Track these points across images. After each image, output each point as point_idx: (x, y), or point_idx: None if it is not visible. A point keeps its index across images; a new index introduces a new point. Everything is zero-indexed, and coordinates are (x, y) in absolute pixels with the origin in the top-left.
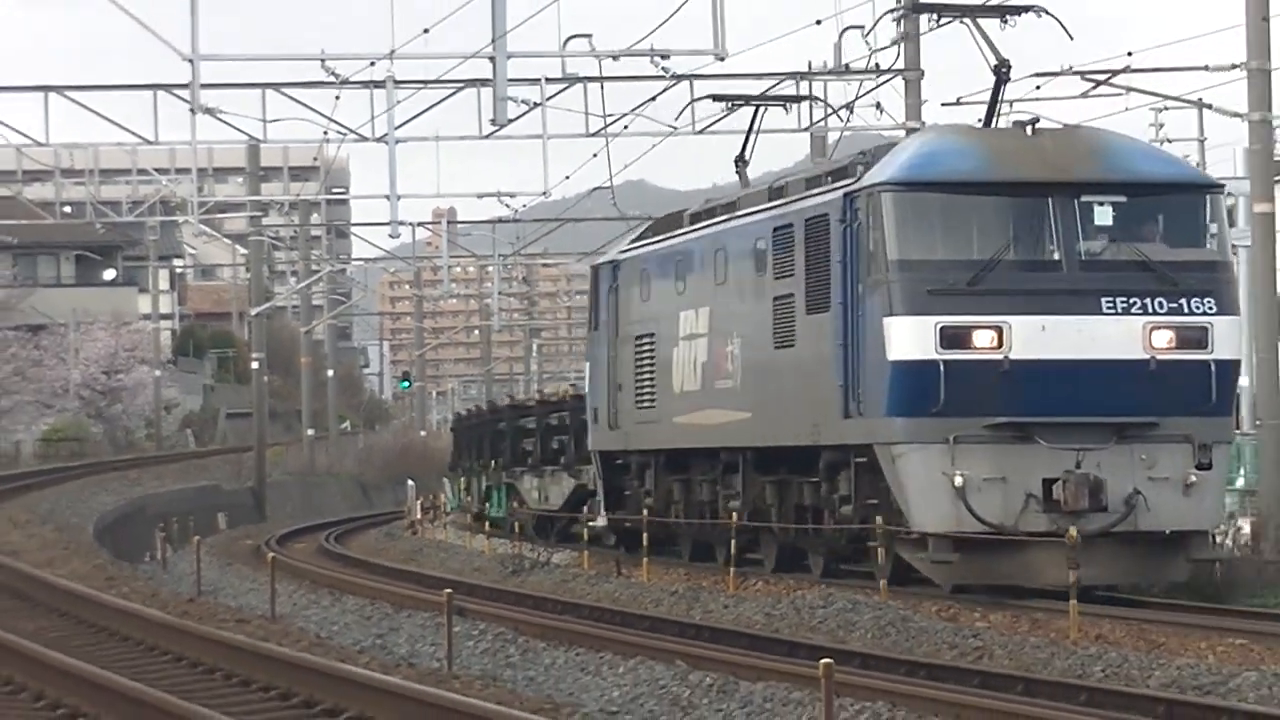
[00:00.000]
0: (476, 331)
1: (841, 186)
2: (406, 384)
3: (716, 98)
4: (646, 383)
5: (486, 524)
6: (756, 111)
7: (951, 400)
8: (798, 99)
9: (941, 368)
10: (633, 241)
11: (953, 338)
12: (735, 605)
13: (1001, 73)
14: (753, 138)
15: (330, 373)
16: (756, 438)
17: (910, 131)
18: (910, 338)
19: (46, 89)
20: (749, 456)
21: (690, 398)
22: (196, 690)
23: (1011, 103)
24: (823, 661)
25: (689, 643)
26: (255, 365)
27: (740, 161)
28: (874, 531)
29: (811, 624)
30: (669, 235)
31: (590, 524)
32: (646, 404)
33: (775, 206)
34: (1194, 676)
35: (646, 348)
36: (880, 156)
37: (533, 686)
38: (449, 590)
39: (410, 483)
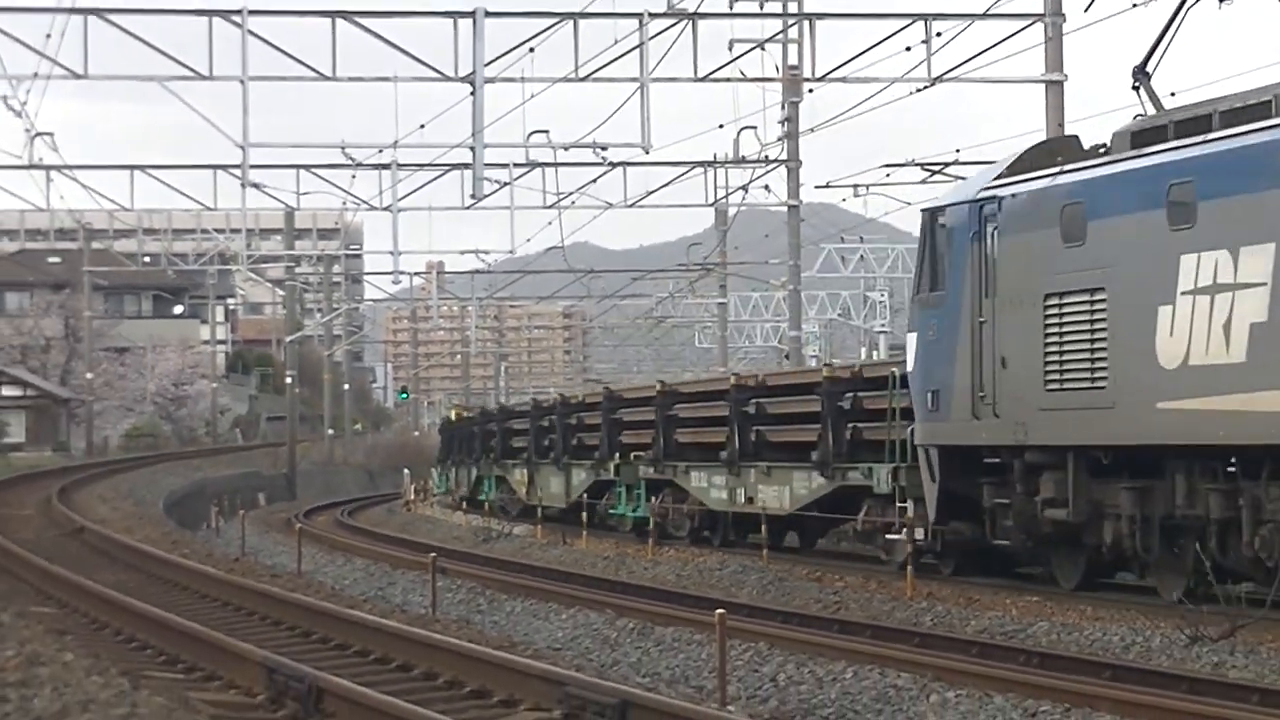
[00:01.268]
0: (458, 356)
1: None
2: (404, 395)
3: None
4: (1078, 355)
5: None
6: None
7: None
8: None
9: None
10: (1011, 172)
11: None
12: (653, 567)
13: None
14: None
15: (346, 386)
16: None
17: (791, 209)
18: None
19: (132, 168)
20: None
21: (1206, 375)
22: (240, 629)
23: (868, 186)
24: (718, 611)
25: (617, 596)
26: (289, 380)
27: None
28: None
29: (711, 582)
30: (1144, 152)
31: (892, 536)
32: (1076, 384)
33: None
34: (1000, 625)
35: (1080, 309)
36: None
37: (497, 628)
38: (434, 554)
39: (406, 471)
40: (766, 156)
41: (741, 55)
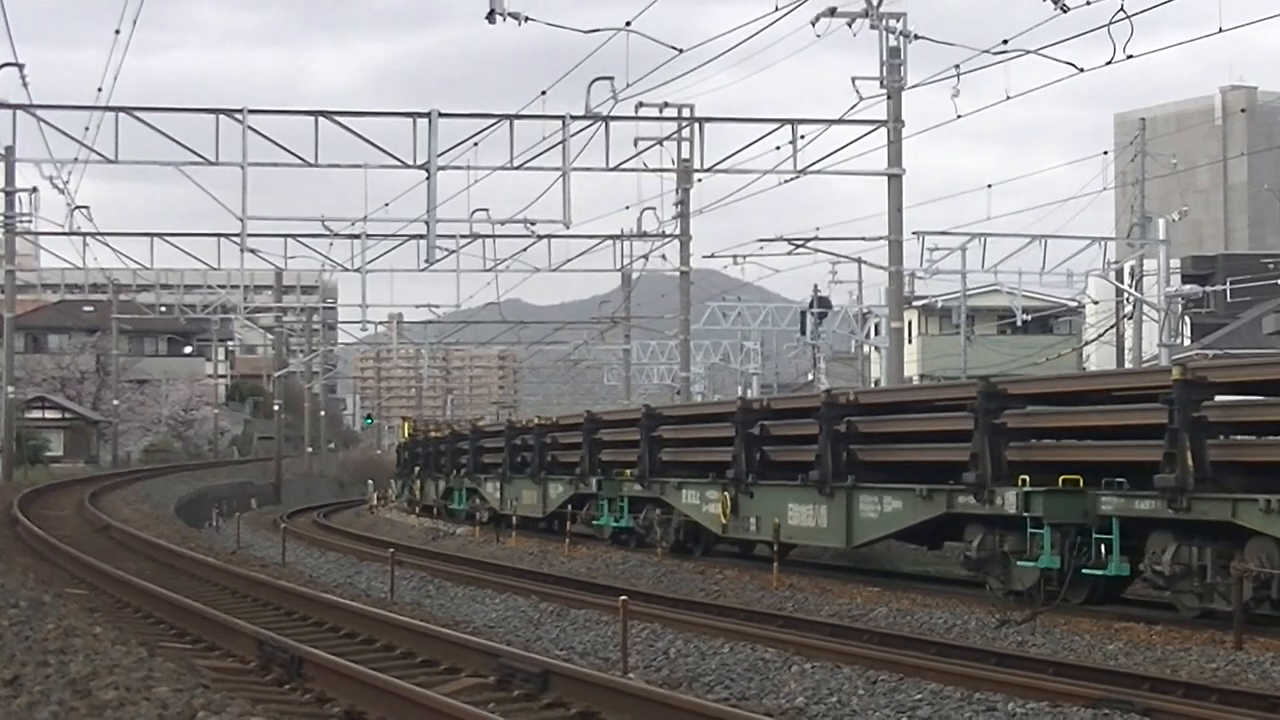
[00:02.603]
0: (413, 389)
1: None
2: (369, 421)
3: None
4: None
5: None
6: None
7: None
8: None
9: None
10: None
11: None
12: (569, 562)
13: None
14: None
15: (322, 413)
16: None
17: (683, 274)
18: None
19: (152, 235)
20: None
21: None
22: (236, 608)
23: (745, 256)
24: (621, 598)
25: (540, 584)
26: (276, 408)
27: None
28: None
29: (616, 574)
30: None
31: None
32: None
33: None
34: (848, 610)
35: None
36: None
37: (443, 610)
38: (392, 549)
39: (370, 482)
40: (663, 231)
41: (644, 150)
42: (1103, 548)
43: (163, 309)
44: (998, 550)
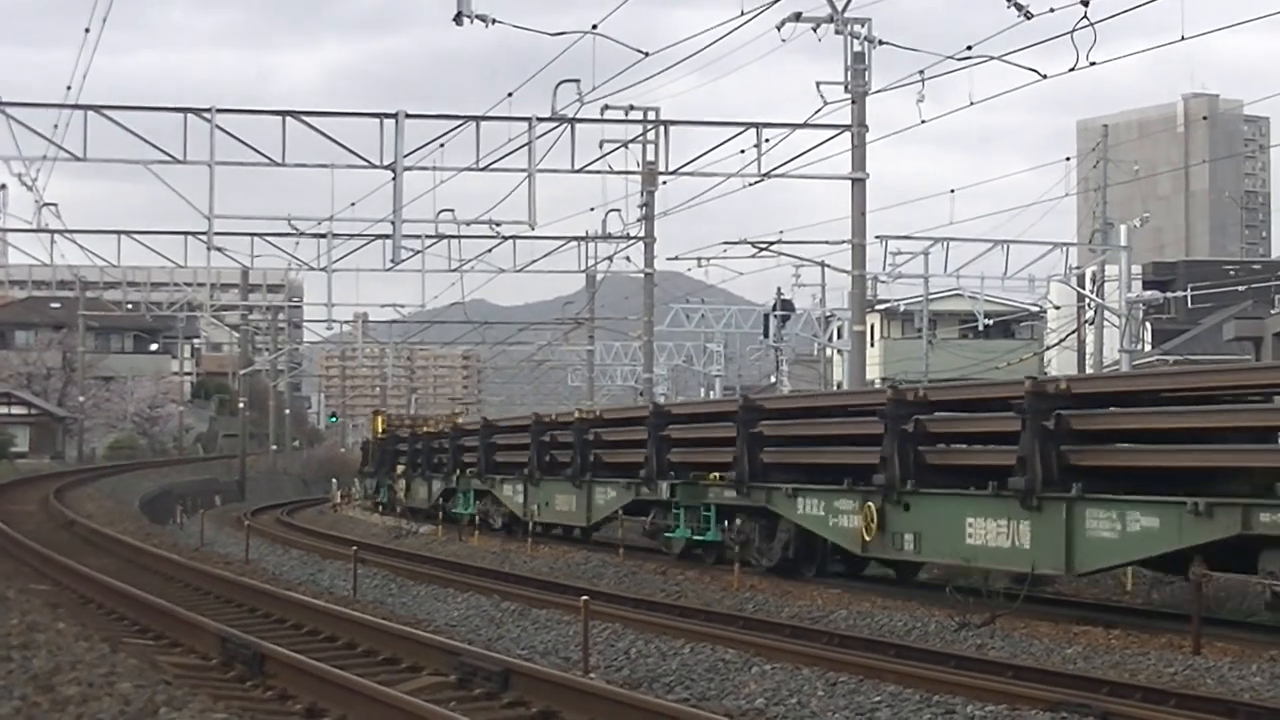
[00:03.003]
0: (378, 388)
1: None
2: (334, 419)
3: None
4: None
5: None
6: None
7: None
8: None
9: None
10: None
11: None
12: (531, 561)
13: None
14: None
15: (287, 411)
16: None
17: (647, 275)
18: None
19: (119, 233)
20: None
21: None
22: (199, 605)
23: (709, 259)
24: (582, 598)
25: (501, 583)
26: (241, 405)
27: None
28: None
29: (577, 574)
30: None
31: None
32: None
33: None
34: (808, 612)
35: None
36: None
37: (405, 608)
38: (355, 547)
39: (334, 480)
40: (628, 233)
41: (610, 152)
42: None
43: (129, 306)
44: None
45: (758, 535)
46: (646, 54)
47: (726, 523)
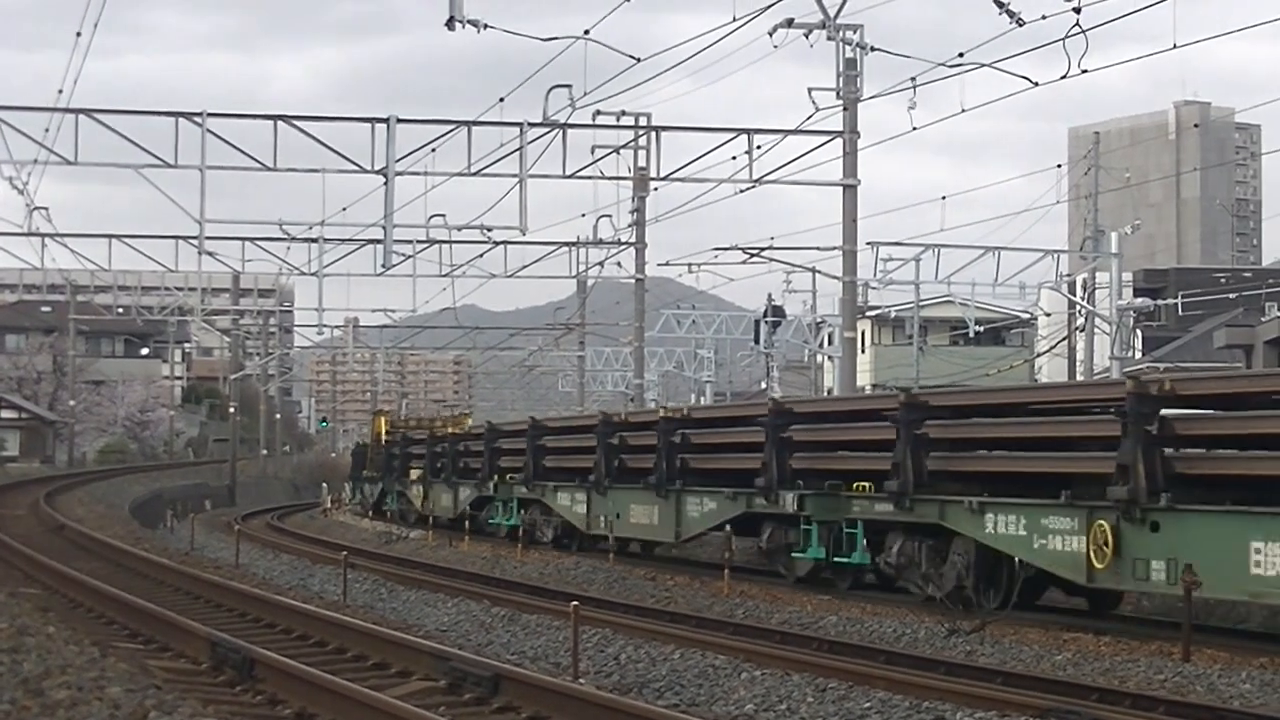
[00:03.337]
0: (368, 393)
1: None
2: (325, 424)
3: None
4: None
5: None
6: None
7: None
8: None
9: None
10: None
11: None
12: (521, 566)
13: None
14: None
15: (277, 416)
16: None
17: (638, 281)
18: None
19: (110, 237)
20: None
21: None
22: (189, 609)
23: (700, 265)
24: (572, 603)
25: (492, 589)
26: (232, 410)
27: None
28: None
29: (567, 579)
30: None
31: None
32: None
33: None
34: (798, 618)
35: None
36: None
37: (395, 613)
38: (345, 552)
39: (324, 485)
40: (619, 239)
41: (601, 158)
42: None
43: (120, 310)
44: None
45: (923, 558)
46: (638, 59)
47: (870, 541)
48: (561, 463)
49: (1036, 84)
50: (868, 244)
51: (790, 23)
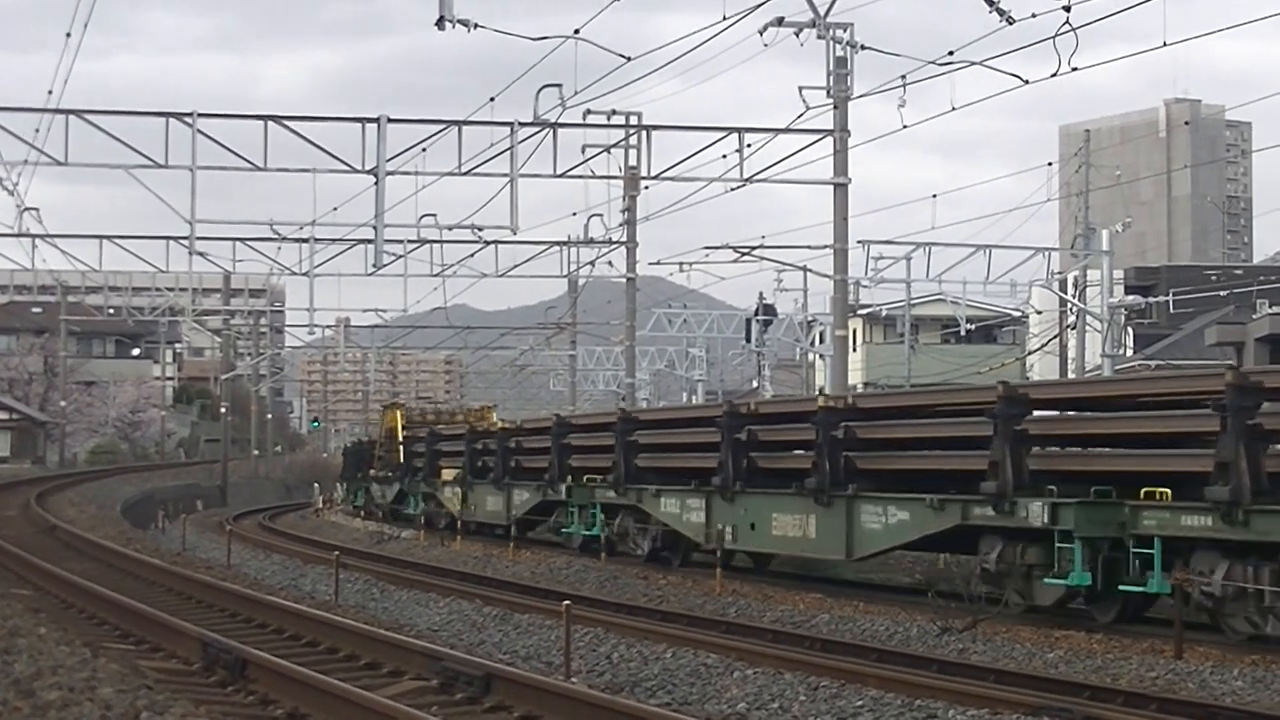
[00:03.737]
0: (360, 393)
1: None
2: (316, 424)
3: None
4: None
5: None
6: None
7: None
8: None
9: None
10: None
11: None
12: (513, 565)
13: None
14: None
15: (269, 416)
16: None
17: (629, 280)
18: None
19: (101, 237)
20: None
21: None
22: (180, 610)
23: (691, 264)
24: (564, 602)
25: (484, 588)
26: (223, 410)
27: None
28: None
29: (559, 579)
30: None
31: None
32: None
33: None
34: (791, 617)
35: None
36: None
37: (387, 613)
38: (337, 552)
39: (316, 485)
40: (610, 238)
41: (592, 157)
42: None
43: (111, 311)
44: None
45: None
46: (629, 59)
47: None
48: (661, 461)
49: (1027, 82)
50: (859, 242)
51: (780, 21)
